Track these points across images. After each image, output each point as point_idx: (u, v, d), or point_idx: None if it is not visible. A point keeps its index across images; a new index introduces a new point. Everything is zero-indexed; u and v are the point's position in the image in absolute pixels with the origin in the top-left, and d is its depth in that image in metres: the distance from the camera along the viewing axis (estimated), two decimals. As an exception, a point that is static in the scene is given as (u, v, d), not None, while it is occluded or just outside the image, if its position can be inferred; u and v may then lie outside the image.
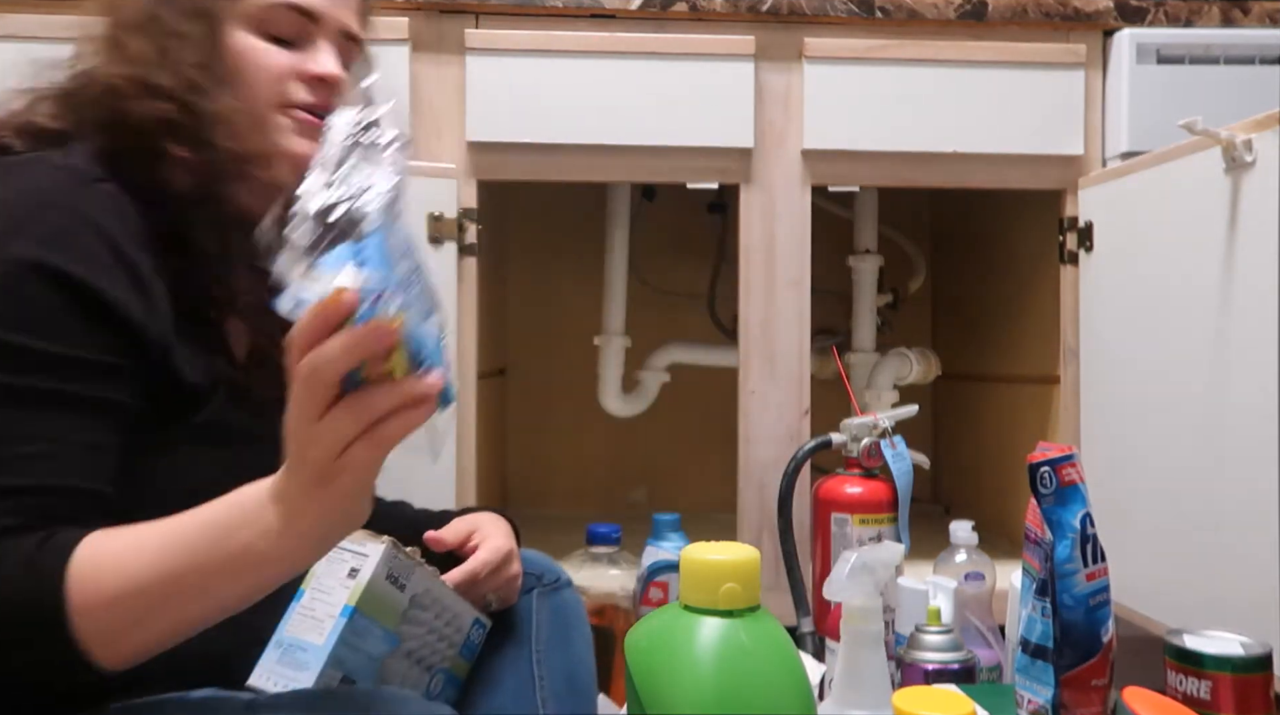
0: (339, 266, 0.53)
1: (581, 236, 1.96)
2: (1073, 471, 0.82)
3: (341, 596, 0.71)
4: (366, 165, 0.56)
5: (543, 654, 0.88)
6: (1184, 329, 1.17)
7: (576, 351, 1.95)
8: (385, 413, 0.55)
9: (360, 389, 0.54)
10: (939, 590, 1.07)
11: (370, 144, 0.57)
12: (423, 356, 0.56)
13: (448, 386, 0.57)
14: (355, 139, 0.57)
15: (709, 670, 0.61)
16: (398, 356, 0.54)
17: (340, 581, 0.72)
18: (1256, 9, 1.46)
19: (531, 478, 2.03)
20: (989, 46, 1.45)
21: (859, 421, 1.24)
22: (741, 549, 0.64)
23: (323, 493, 0.57)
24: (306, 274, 0.53)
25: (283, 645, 0.71)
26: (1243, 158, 1.06)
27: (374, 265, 0.53)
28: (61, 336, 0.66)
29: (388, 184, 0.56)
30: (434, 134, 1.42)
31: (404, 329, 0.54)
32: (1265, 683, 0.78)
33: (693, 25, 1.44)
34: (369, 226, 0.54)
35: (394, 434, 0.56)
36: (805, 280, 1.47)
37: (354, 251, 0.53)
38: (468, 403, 1.41)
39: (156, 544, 0.61)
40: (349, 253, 0.53)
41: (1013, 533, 1.59)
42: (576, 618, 0.93)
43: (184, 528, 0.61)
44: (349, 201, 0.54)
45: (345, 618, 0.71)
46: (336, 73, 0.81)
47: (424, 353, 0.56)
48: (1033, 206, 1.59)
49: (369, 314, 0.53)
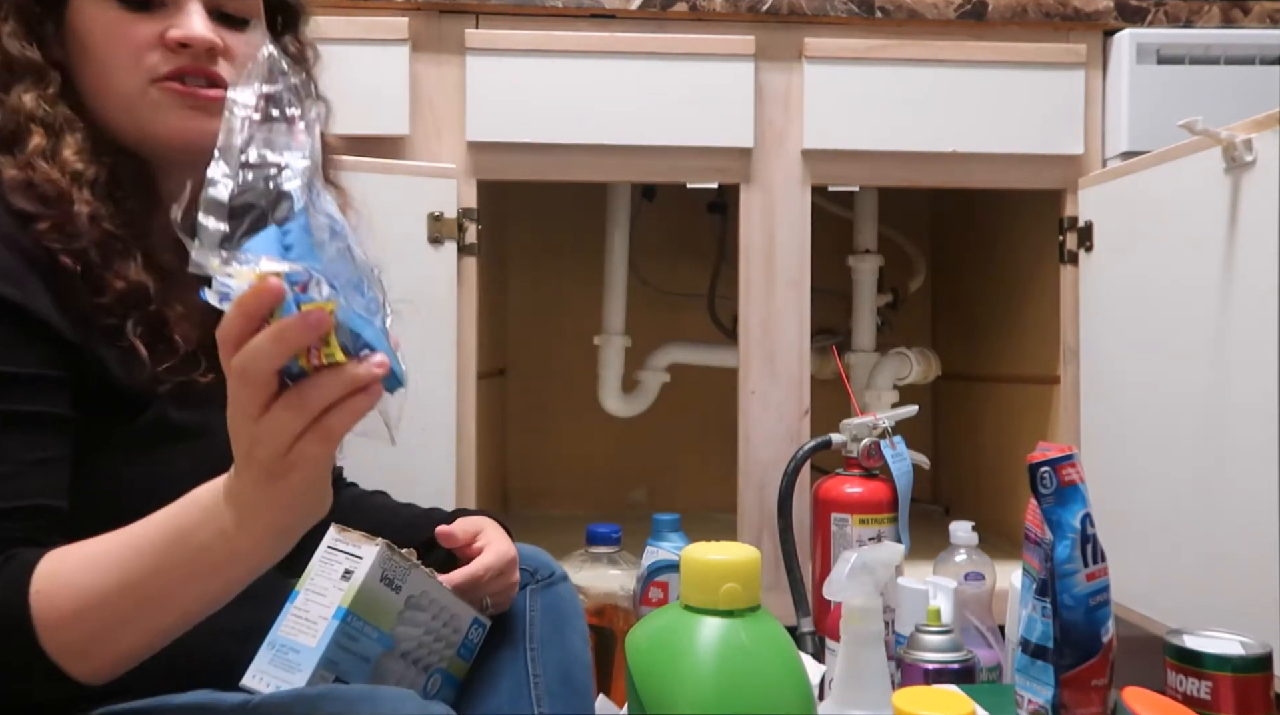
0: (260, 254, 0.50)
1: (581, 236, 1.96)
2: (1073, 471, 0.82)
3: (335, 598, 0.70)
4: (278, 142, 0.53)
5: (537, 651, 0.88)
6: (1184, 329, 1.17)
7: (576, 351, 1.95)
8: (329, 403, 0.52)
9: (301, 381, 0.51)
10: (939, 590, 1.07)
11: (278, 119, 0.53)
12: (363, 340, 0.53)
13: (395, 368, 0.55)
14: (260, 114, 0.53)
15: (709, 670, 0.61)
16: (334, 343, 0.51)
17: (334, 583, 0.72)
18: (1256, 9, 1.46)
19: (531, 478, 2.03)
20: (989, 46, 1.45)
21: (859, 421, 1.24)
22: (741, 549, 0.64)
23: (275, 490, 0.55)
24: (228, 264, 0.50)
25: (275, 646, 0.70)
26: (1243, 158, 1.06)
27: (299, 249, 0.51)
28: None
29: (301, 162, 0.53)
30: (434, 134, 1.42)
31: (338, 313, 0.51)
32: (1265, 683, 0.78)
33: (693, 25, 1.44)
34: (287, 209, 0.51)
35: (341, 424, 0.53)
36: (805, 280, 1.47)
37: (277, 236, 0.51)
38: (468, 403, 1.41)
39: (115, 554, 0.60)
40: (271, 238, 0.51)
41: (1013, 533, 1.59)
42: (572, 612, 0.93)
43: (141, 535, 0.60)
44: (264, 183, 0.52)
45: (338, 620, 0.70)
46: (203, 34, 0.74)
47: (364, 336, 0.53)
48: (1033, 206, 1.59)
49: (297, 302, 0.50)
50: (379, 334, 0.55)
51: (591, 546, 1.29)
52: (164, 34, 0.73)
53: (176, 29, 0.73)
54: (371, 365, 0.53)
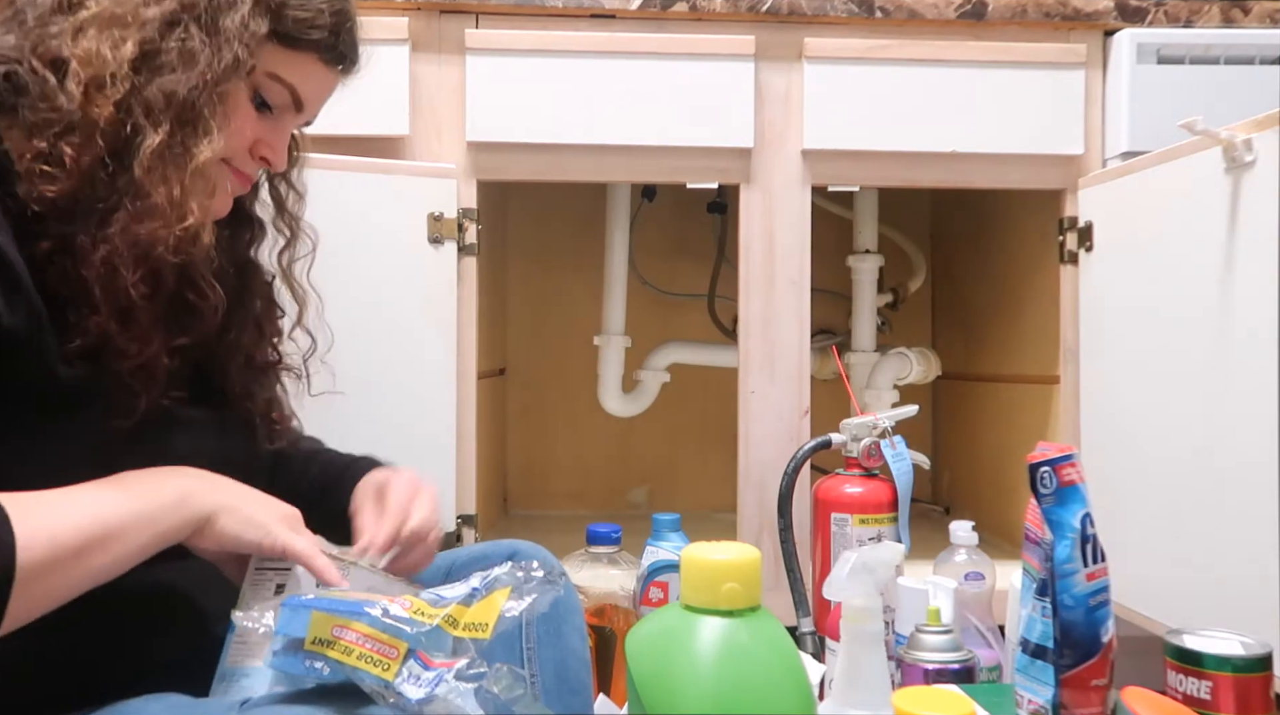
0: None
1: (581, 236, 1.96)
2: (1073, 471, 0.82)
3: (271, 616, 0.68)
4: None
5: (533, 650, 0.88)
6: (1184, 329, 1.17)
7: (576, 351, 1.95)
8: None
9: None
10: (939, 590, 1.07)
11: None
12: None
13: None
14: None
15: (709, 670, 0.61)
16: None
17: (269, 602, 0.70)
18: (1256, 9, 1.46)
19: (531, 478, 2.03)
20: (989, 46, 1.45)
21: (859, 421, 1.24)
22: (742, 549, 0.64)
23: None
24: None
25: (226, 678, 0.70)
26: (1243, 158, 1.06)
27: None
28: None
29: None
30: (434, 134, 1.42)
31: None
32: (1265, 683, 0.78)
33: (693, 25, 1.44)
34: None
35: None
36: (805, 280, 1.47)
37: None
38: (468, 403, 1.41)
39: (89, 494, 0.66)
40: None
41: (1013, 533, 1.59)
42: (568, 609, 0.92)
43: (110, 483, 0.67)
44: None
45: (279, 634, 0.68)
46: (279, 166, 0.84)
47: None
48: (1032, 206, 1.59)
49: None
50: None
51: (591, 546, 1.29)
52: (261, 143, 0.80)
53: (269, 148, 0.81)
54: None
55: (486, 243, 1.50)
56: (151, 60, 0.72)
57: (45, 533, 0.61)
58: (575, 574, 1.22)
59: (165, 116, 0.71)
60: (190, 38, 0.73)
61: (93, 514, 0.64)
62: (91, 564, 0.63)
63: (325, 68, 0.81)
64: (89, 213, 0.70)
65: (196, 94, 0.73)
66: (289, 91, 0.79)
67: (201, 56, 0.73)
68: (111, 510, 0.65)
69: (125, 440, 0.71)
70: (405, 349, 1.34)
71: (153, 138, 0.71)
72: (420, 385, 1.35)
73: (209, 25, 0.74)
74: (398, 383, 1.34)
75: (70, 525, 0.63)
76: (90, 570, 0.64)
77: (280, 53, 0.78)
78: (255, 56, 0.76)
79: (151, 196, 0.70)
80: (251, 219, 0.91)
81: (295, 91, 0.80)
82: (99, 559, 0.64)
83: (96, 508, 0.65)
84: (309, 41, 0.79)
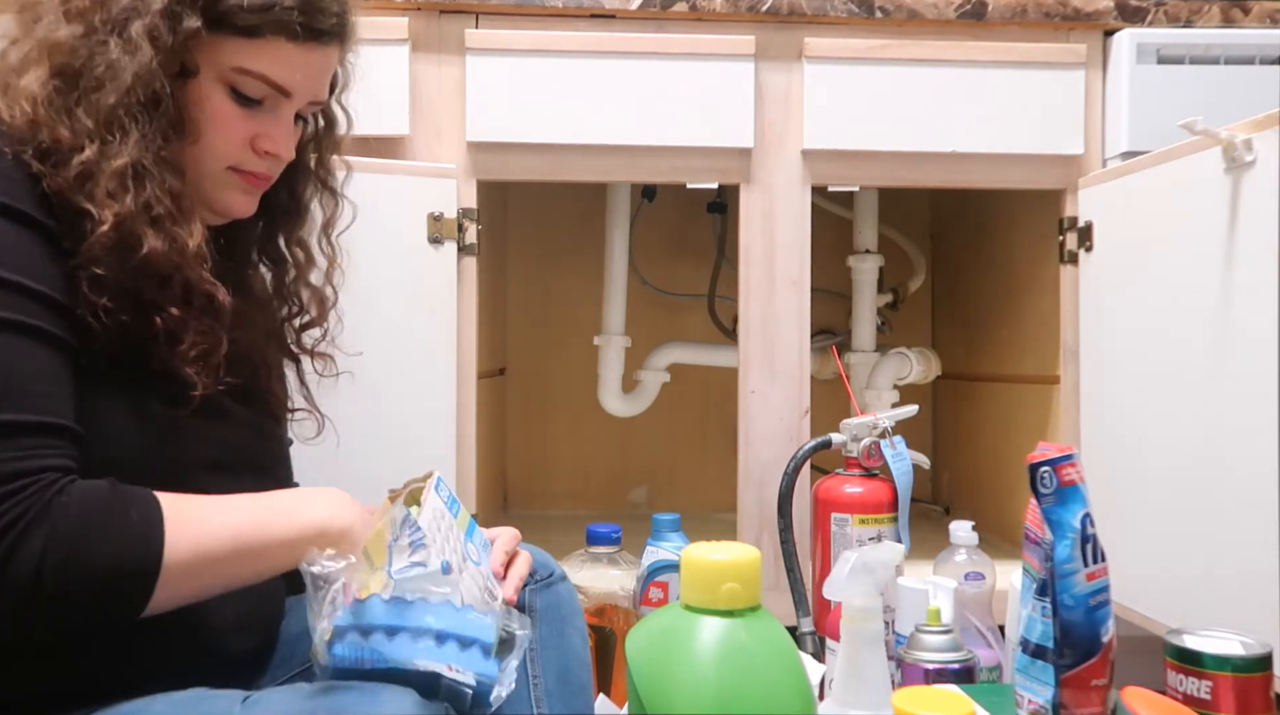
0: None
1: (581, 236, 1.96)
2: (1073, 471, 0.82)
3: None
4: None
5: (536, 651, 0.88)
6: (1184, 329, 1.17)
7: (576, 351, 1.95)
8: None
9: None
10: (939, 590, 1.07)
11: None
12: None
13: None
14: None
15: (709, 670, 0.61)
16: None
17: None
18: (1256, 9, 1.46)
19: (531, 478, 2.03)
20: (989, 46, 1.44)
21: (859, 421, 1.24)
22: (742, 549, 0.64)
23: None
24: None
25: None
26: (1243, 158, 1.06)
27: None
28: (31, 272, 0.67)
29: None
30: (434, 134, 1.42)
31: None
32: (1265, 683, 0.78)
33: (693, 25, 1.44)
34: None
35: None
36: (805, 280, 1.47)
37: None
38: (468, 403, 1.41)
39: (242, 510, 0.70)
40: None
41: (1013, 533, 1.59)
42: (570, 611, 0.92)
43: (262, 500, 0.72)
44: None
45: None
46: (290, 153, 0.83)
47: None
48: (1032, 206, 1.59)
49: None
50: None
51: (591, 546, 1.29)
52: (258, 136, 0.79)
53: (269, 140, 0.80)
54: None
55: (486, 243, 1.50)
56: (74, 82, 0.72)
57: (193, 538, 0.67)
58: (575, 574, 1.22)
59: (95, 131, 0.71)
60: (107, 50, 0.72)
61: (239, 529, 0.69)
62: (230, 574, 0.69)
63: (298, 46, 0.78)
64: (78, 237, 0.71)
65: (124, 103, 0.72)
66: (263, 82, 0.77)
67: (126, 67, 0.72)
68: (258, 529, 0.69)
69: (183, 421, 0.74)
70: (405, 349, 1.34)
71: (82, 154, 0.71)
72: (420, 385, 1.35)
73: (121, 34, 0.73)
74: (398, 383, 1.34)
75: (216, 536, 0.68)
76: (227, 579, 0.69)
77: (241, 44, 0.76)
78: (198, 53, 0.75)
79: (86, 214, 0.70)
80: (283, 210, 0.91)
81: (269, 79, 0.77)
82: (238, 571, 0.69)
83: (244, 523, 0.69)
84: (269, 25, 0.76)
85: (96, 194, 0.70)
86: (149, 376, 0.73)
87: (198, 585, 0.68)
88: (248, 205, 0.83)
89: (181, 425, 0.74)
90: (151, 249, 0.72)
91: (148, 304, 0.73)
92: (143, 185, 0.72)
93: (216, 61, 0.76)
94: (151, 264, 0.72)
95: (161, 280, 0.73)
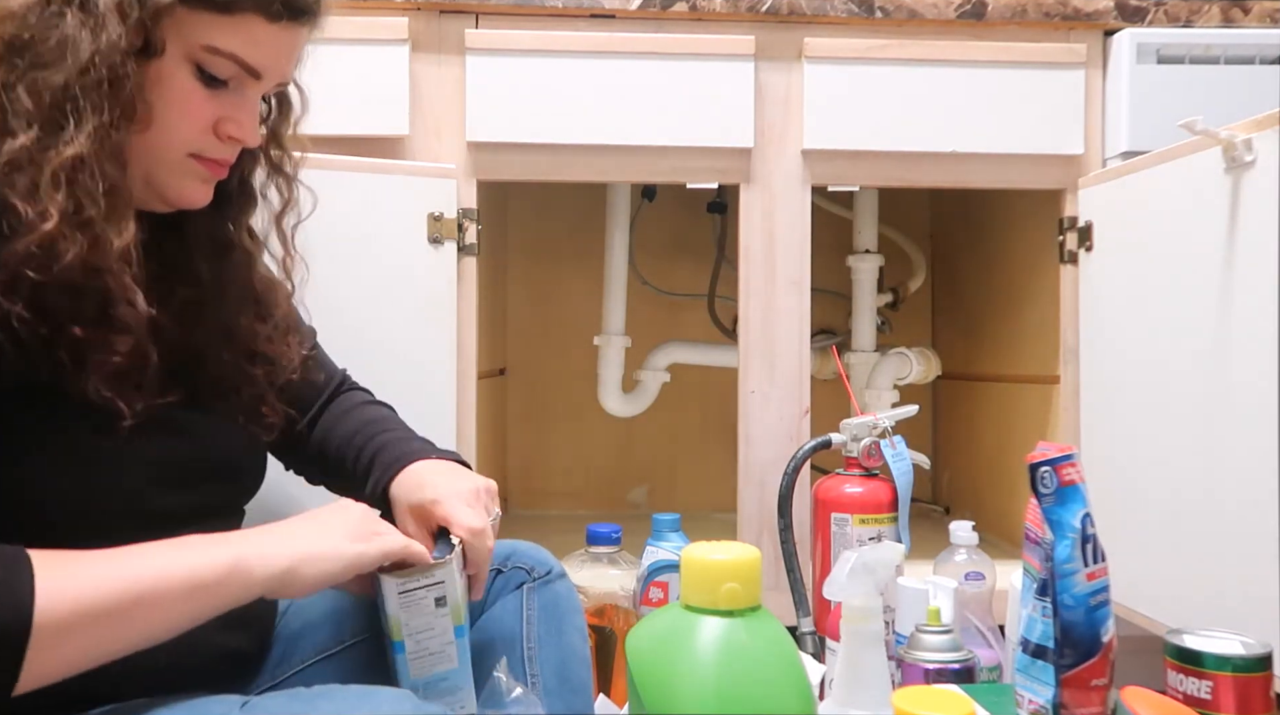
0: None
1: (581, 236, 1.96)
2: (1073, 471, 0.82)
3: (446, 624, 0.76)
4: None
5: (534, 650, 0.87)
6: (1184, 329, 1.17)
7: (576, 351, 1.95)
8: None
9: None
10: (939, 590, 1.07)
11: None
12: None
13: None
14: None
15: (709, 670, 0.61)
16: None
17: (434, 615, 0.75)
18: (1256, 9, 1.46)
19: (531, 478, 2.03)
20: (989, 46, 1.44)
21: (859, 421, 1.24)
22: (742, 549, 0.64)
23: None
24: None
25: (420, 688, 0.74)
26: (1243, 158, 1.06)
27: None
28: None
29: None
30: (434, 134, 1.42)
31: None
32: (1265, 683, 0.78)
33: (693, 25, 1.44)
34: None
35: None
36: (805, 280, 1.47)
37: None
38: (468, 403, 1.41)
39: (131, 558, 0.62)
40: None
41: (1013, 533, 1.59)
42: (569, 609, 0.91)
43: (157, 548, 0.63)
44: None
45: (462, 638, 0.77)
46: (255, 139, 0.78)
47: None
48: (1032, 206, 1.59)
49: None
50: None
51: (591, 546, 1.29)
52: (223, 120, 0.74)
53: (234, 125, 0.75)
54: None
55: (486, 242, 1.50)
56: (21, 55, 0.66)
57: (72, 593, 0.58)
58: (575, 574, 1.22)
59: (36, 115, 0.65)
60: (64, 23, 0.66)
61: (129, 578, 0.61)
62: (124, 630, 0.61)
63: (273, 25, 0.73)
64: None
65: (77, 84, 0.66)
66: (233, 61, 0.72)
67: (84, 42, 0.66)
68: (151, 576, 0.61)
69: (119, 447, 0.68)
70: (405, 349, 1.34)
71: (15, 140, 0.65)
72: (420, 385, 1.35)
73: (83, 6, 0.67)
74: (397, 383, 1.33)
75: (101, 587, 0.59)
76: (124, 636, 0.61)
77: (214, 20, 0.71)
78: (166, 30, 0.69)
79: (10, 209, 0.64)
80: (233, 196, 0.84)
81: (240, 59, 0.72)
82: (134, 626, 0.61)
83: (135, 572, 0.61)
84: (246, 1, 0.71)
85: (27, 187, 0.64)
86: (73, 402, 0.66)
87: (85, 648, 0.59)
88: (205, 194, 0.77)
89: (118, 452, 0.68)
90: (74, 255, 0.65)
91: (63, 319, 0.66)
92: (77, 181, 0.65)
93: (184, 38, 0.70)
94: (70, 271, 0.65)
95: (74, 292, 0.66)
